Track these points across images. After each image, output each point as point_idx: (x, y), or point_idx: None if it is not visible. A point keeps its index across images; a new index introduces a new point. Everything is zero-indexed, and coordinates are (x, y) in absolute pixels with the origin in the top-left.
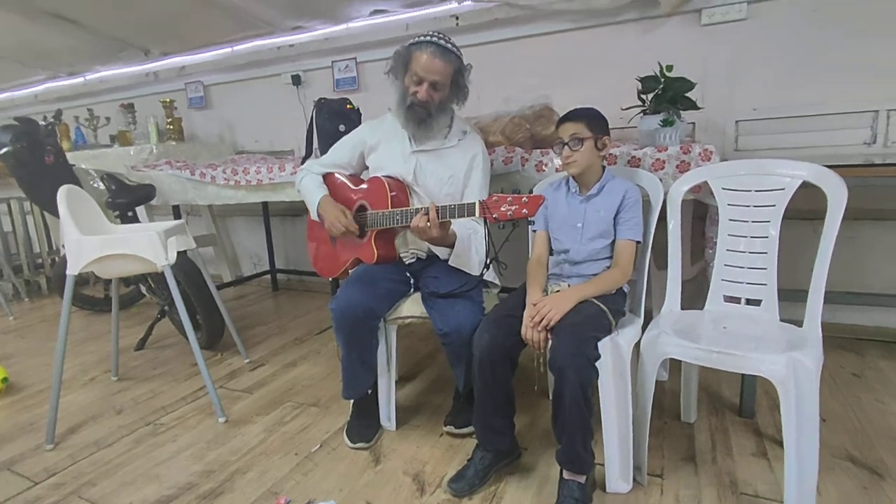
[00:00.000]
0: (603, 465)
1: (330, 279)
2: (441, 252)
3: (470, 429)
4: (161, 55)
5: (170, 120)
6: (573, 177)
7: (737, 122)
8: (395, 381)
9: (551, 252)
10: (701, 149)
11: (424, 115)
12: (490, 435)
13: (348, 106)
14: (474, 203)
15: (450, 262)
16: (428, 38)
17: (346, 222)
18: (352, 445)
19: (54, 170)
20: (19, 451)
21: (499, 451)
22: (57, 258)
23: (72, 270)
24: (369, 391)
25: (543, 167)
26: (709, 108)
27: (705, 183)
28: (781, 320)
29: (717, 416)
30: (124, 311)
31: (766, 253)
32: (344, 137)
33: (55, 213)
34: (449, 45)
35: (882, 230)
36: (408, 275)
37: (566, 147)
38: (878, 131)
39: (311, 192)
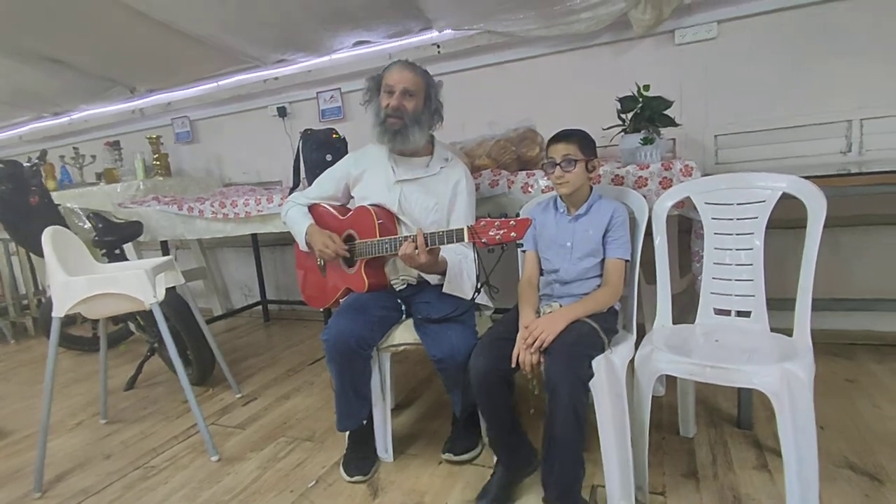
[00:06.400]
0: (604, 486)
1: (322, 309)
2: (431, 278)
3: (469, 455)
4: (147, 92)
5: (156, 156)
6: (562, 197)
7: (715, 136)
8: (391, 409)
9: (542, 272)
10: (682, 165)
11: (400, 126)
12: (505, 452)
13: (334, 135)
14: (462, 229)
15: (444, 290)
16: (395, 60)
17: (335, 247)
18: (349, 479)
19: (39, 210)
20: (5, 500)
21: (517, 465)
22: (43, 299)
23: (57, 312)
24: (364, 422)
25: (529, 188)
26: (688, 125)
27: (688, 198)
28: (772, 330)
29: (715, 429)
30: (113, 349)
31: (752, 264)
32: (328, 170)
33: (41, 254)
34: (416, 65)
35: (862, 236)
36: (399, 301)
37: (558, 167)
38: (853, 140)
39: (298, 222)
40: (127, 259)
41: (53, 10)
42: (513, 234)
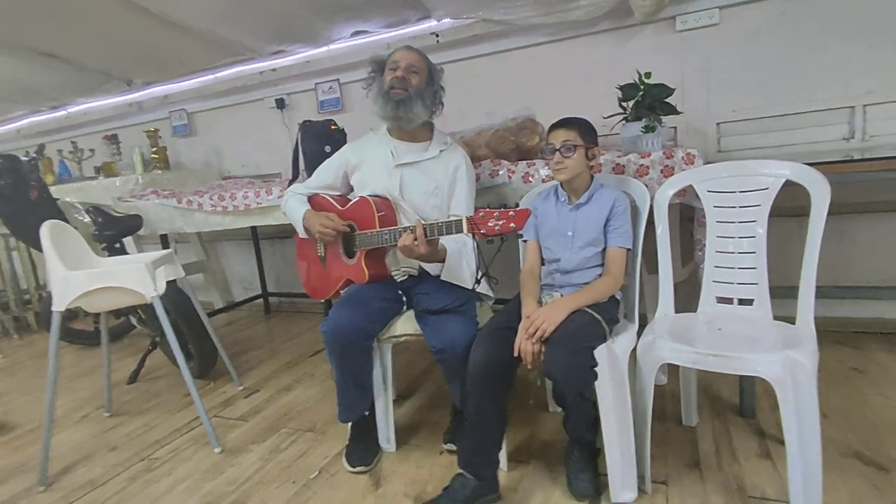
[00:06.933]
0: (606, 475)
1: (322, 300)
2: (432, 268)
3: None
4: (144, 85)
5: (155, 149)
6: (562, 185)
7: (717, 124)
8: (393, 400)
9: (543, 262)
10: (684, 153)
11: (404, 97)
12: (477, 460)
13: (333, 127)
14: (461, 220)
15: (442, 277)
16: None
17: (334, 224)
18: (351, 470)
19: (39, 205)
20: (10, 493)
21: (482, 480)
22: (45, 293)
23: (57, 307)
24: (366, 413)
25: (530, 178)
26: (689, 112)
27: (690, 186)
28: (774, 318)
29: (718, 417)
30: (115, 343)
31: (754, 252)
32: (327, 160)
33: (41, 249)
34: (420, 49)
35: (866, 223)
36: (399, 292)
37: (557, 153)
38: (856, 126)
39: (295, 210)
40: (127, 253)
41: (47, 4)
42: (512, 224)
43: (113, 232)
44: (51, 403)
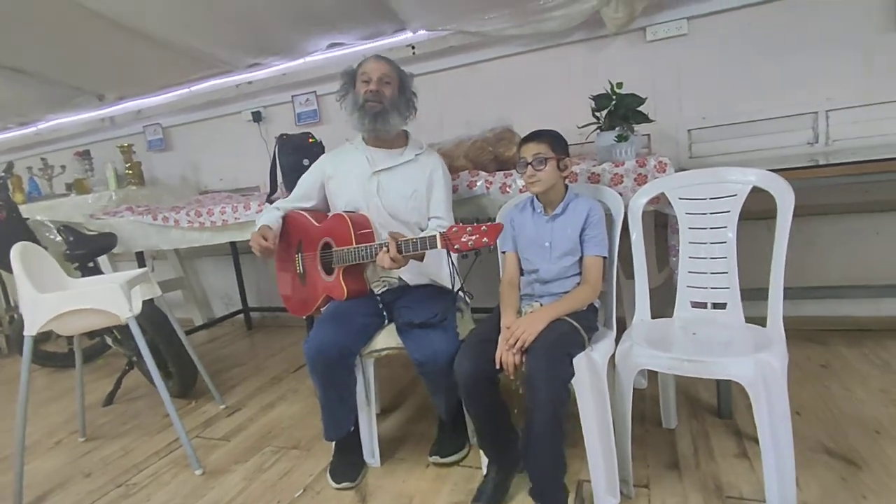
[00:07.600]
0: (589, 481)
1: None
2: (411, 278)
3: (456, 457)
4: (116, 100)
5: (129, 164)
6: (537, 196)
7: (689, 130)
8: (378, 414)
9: (522, 272)
10: (656, 161)
11: (379, 109)
12: (496, 451)
13: (310, 140)
14: (435, 236)
15: (420, 273)
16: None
17: (255, 239)
18: (336, 486)
19: (7, 225)
20: None
21: (509, 462)
22: (15, 315)
23: (29, 331)
24: (351, 429)
25: (507, 189)
26: (661, 120)
27: (663, 194)
28: (747, 319)
29: (696, 419)
30: (90, 363)
31: (726, 257)
32: (305, 172)
33: (11, 271)
34: (389, 58)
35: (831, 224)
36: (380, 307)
37: (529, 166)
38: (820, 131)
39: (261, 221)
40: (102, 272)
41: (11, 16)
42: (485, 239)
43: (85, 251)
44: (22, 430)
